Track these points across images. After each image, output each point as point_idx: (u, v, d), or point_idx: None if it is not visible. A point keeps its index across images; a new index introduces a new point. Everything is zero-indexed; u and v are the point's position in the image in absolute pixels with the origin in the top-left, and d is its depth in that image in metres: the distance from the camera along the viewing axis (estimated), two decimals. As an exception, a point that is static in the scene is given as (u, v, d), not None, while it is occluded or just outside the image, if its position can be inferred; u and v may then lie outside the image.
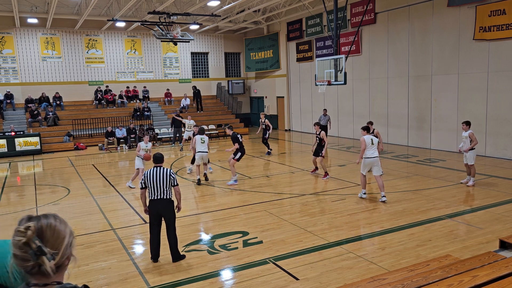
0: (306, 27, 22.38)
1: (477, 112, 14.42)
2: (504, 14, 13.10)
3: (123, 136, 20.28)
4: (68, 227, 1.59)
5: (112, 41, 24.51)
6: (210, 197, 10.31)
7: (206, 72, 27.74)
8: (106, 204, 9.88)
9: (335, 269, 5.75)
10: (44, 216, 1.55)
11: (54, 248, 1.50)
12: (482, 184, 10.43)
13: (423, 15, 15.95)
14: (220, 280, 5.65)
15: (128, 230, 7.85)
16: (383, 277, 4.21)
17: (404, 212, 8.36)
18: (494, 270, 4.03)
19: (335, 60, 15.05)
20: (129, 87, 24.66)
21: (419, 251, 6.30)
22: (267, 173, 12.84)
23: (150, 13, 17.60)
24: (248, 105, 28.98)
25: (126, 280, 5.67)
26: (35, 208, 9.67)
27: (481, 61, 14.13)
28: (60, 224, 1.56)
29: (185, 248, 6.73)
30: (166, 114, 24.02)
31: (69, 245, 1.56)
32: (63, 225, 1.57)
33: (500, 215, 7.90)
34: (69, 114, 22.34)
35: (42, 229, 1.50)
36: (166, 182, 6.08)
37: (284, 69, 24.73)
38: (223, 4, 18.77)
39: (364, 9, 17.54)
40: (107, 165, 16.05)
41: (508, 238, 5.28)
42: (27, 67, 22.56)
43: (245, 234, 7.34)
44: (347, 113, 20.35)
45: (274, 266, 5.92)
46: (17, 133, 18.81)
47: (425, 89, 16.26)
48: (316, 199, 9.66)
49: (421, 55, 16.26)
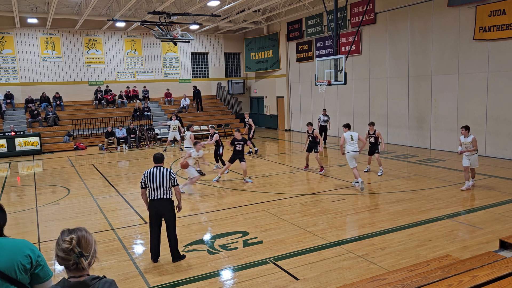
0: (306, 27, 22.38)
1: (477, 112, 14.42)
2: (504, 14, 13.10)
3: (123, 136, 20.28)
4: (93, 237, 2.24)
5: (112, 41, 24.52)
6: (210, 197, 10.31)
7: (206, 72, 27.74)
8: (106, 204, 9.88)
9: (335, 269, 5.75)
10: (78, 230, 2.18)
11: (87, 252, 2.15)
12: (482, 184, 10.43)
13: (423, 15, 15.95)
14: (220, 280, 5.65)
15: (128, 230, 7.85)
16: (383, 277, 4.22)
17: (404, 212, 8.36)
18: (494, 270, 4.03)
19: (335, 60, 15.05)
20: (129, 87, 24.66)
21: (419, 251, 6.30)
22: (267, 173, 12.84)
23: (150, 13, 17.61)
24: (248, 105, 28.98)
25: (126, 280, 5.67)
26: (35, 208, 9.67)
27: (481, 61, 14.13)
28: (89, 235, 2.21)
29: (185, 248, 6.73)
30: (166, 114, 24.03)
31: (95, 250, 2.22)
32: (90, 236, 2.22)
33: (500, 215, 7.90)
34: (69, 114, 22.35)
35: (79, 239, 2.14)
36: (166, 182, 6.08)
37: (284, 69, 24.74)
38: (223, 4, 18.77)
39: (364, 9, 17.54)
40: (107, 165, 16.05)
41: (508, 238, 5.29)
42: (27, 67, 22.57)
43: (245, 234, 7.34)
44: (347, 113, 20.34)
45: (274, 266, 5.92)
46: (17, 133, 18.81)
47: (425, 89, 16.27)
48: (316, 199, 9.66)
49: (421, 55, 16.26)
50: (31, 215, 9.15)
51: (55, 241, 2.16)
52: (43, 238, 7.53)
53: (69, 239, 2.10)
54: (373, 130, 11.92)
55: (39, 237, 7.60)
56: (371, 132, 11.94)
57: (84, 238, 2.16)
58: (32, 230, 8.06)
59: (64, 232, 2.17)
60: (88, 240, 2.18)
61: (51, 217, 8.96)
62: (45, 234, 7.78)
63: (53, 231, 7.97)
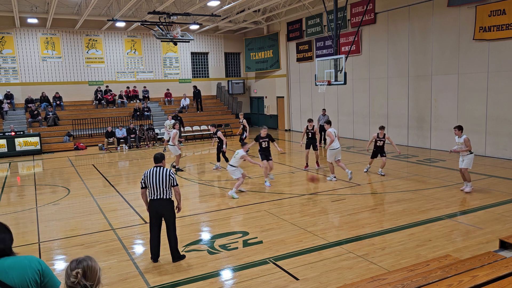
0: (306, 27, 22.38)
1: (477, 112, 14.42)
2: (504, 14, 13.10)
3: (123, 136, 20.29)
4: (98, 264, 2.52)
5: (112, 41, 24.52)
6: (210, 197, 10.31)
7: (206, 72, 27.74)
8: (106, 204, 9.88)
9: (335, 269, 5.75)
10: (84, 260, 2.47)
11: (92, 281, 2.45)
12: (482, 184, 10.43)
13: (423, 15, 15.95)
14: (220, 280, 5.65)
15: (128, 230, 7.85)
16: (383, 277, 4.22)
17: (404, 212, 8.36)
18: (494, 270, 4.03)
19: (335, 60, 15.05)
20: (129, 87, 24.66)
21: (419, 251, 6.30)
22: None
23: (150, 13, 17.61)
24: (248, 105, 28.98)
25: (126, 280, 5.67)
26: (35, 208, 9.67)
27: (481, 61, 14.13)
28: (95, 264, 2.49)
29: (185, 248, 6.73)
30: (166, 114, 24.02)
31: (100, 276, 2.51)
32: (95, 264, 2.50)
33: (500, 215, 7.90)
34: (69, 114, 22.35)
35: (85, 270, 2.43)
36: (165, 182, 6.08)
37: (284, 69, 24.74)
38: (223, 4, 18.77)
39: (364, 9, 17.54)
40: (107, 165, 16.06)
41: (508, 238, 5.29)
42: (27, 67, 22.57)
43: (245, 234, 7.34)
44: (347, 113, 20.35)
45: (274, 266, 5.92)
46: (17, 133, 18.81)
47: (425, 89, 16.27)
48: (316, 199, 9.66)
49: (421, 55, 16.26)
50: (31, 215, 9.15)
51: (65, 270, 2.48)
52: (43, 238, 7.53)
53: (75, 273, 2.40)
54: (382, 134, 11.81)
55: (39, 237, 7.61)
56: (381, 136, 11.83)
57: (89, 268, 2.45)
58: (32, 230, 8.06)
59: (72, 262, 2.46)
60: (94, 269, 2.48)
61: (51, 217, 8.95)
62: (45, 234, 7.79)
63: (53, 231, 7.97)
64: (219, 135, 13.45)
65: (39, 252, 6.87)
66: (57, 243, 7.36)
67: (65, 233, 7.81)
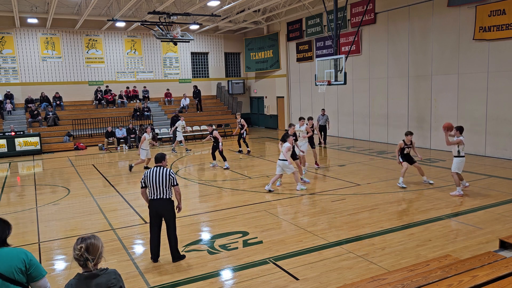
0: (306, 27, 22.38)
1: (477, 112, 14.42)
2: (504, 14, 13.10)
3: (123, 136, 20.29)
4: (100, 241, 2.87)
5: (112, 41, 24.52)
6: (210, 197, 10.31)
7: (206, 72, 27.74)
8: (106, 204, 9.88)
9: (335, 269, 5.75)
10: (89, 238, 2.82)
11: (93, 255, 2.79)
12: (482, 184, 10.43)
13: (423, 15, 15.95)
14: (220, 280, 5.65)
15: (128, 230, 7.85)
16: (383, 277, 4.22)
17: (404, 212, 8.36)
18: (494, 270, 4.03)
19: (335, 60, 15.06)
20: (129, 87, 24.66)
21: (419, 251, 6.30)
22: (267, 173, 12.83)
23: (150, 13, 17.61)
24: (248, 105, 28.97)
25: (126, 280, 5.66)
26: (35, 208, 9.67)
27: (481, 61, 14.13)
28: (97, 242, 2.84)
29: (185, 248, 6.73)
30: (166, 114, 24.04)
31: (101, 252, 2.87)
32: (98, 241, 2.85)
33: (500, 215, 7.90)
34: (69, 114, 22.35)
35: (88, 246, 2.78)
36: (166, 182, 6.08)
37: (284, 69, 24.73)
38: (223, 4, 18.77)
39: (364, 9, 17.54)
40: (107, 165, 16.06)
41: (508, 238, 5.29)
42: (27, 67, 22.57)
43: (245, 234, 7.34)
44: (347, 113, 20.34)
45: (274, 266, 5.92)
46: (17, 133, 18.81)
47: (425, 89, 16.26)
48: (316, 199, 9.66)
49: (421, 55, 16.26)
50: (31, 215, 9.15)
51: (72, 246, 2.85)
52: (43, 238, 7.53)
53: (79, 248, 2.77)
54: (409, 141, 10.33)
55: (39, 237, 7.61)
56: (408, 143, 10.38)
57: (92, 244, 2.79)
58: (32, 230, 8.06)
59: (78, 239, 2.84)
60: (96, 246, 2.81)
61: (51, 217, 8.95)
62: (45, 234, 7.79)
63: (53, 231, 7.97)
64: (215, 134, 13.79)
65: (39, 252, 6.86)
66: (57, 243, 7.36)
67: (65, 233, 7.82)
